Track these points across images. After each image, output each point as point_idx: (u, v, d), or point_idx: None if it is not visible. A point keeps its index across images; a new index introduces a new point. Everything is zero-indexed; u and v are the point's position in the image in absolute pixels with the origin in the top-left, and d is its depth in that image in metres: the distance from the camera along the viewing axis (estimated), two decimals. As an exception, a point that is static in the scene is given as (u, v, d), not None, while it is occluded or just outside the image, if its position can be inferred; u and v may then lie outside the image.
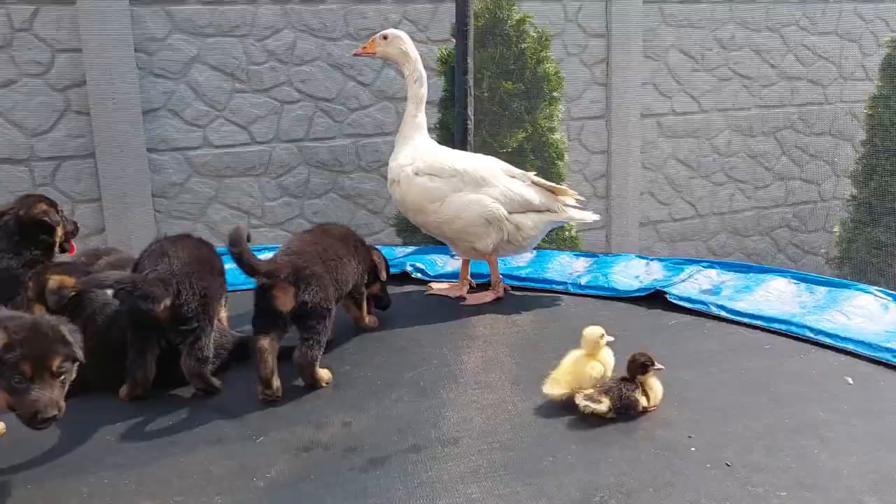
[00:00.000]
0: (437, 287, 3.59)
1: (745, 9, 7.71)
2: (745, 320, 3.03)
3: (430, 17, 6.39)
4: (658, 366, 2.34)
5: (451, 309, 3.35)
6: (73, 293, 2.53)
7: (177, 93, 5.68)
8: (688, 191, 7.80)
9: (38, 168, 5.35)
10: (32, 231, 2.81)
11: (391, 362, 2.84)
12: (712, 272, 3.52)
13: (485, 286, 3.55)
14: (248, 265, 2.49)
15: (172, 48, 5.61)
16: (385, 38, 3.31)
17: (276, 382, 2.53)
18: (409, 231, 5.28)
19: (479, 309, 3.33)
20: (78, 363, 2.01)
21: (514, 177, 3.35)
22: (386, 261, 3.18)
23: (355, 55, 3.42)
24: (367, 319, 3.13)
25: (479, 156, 3.46)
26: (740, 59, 7.79)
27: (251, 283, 2.75)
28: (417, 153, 3.23)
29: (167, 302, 2.43)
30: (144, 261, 2.53)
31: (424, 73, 3.34)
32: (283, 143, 6.11)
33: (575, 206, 3.41)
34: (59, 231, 2.88)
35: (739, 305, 3.13)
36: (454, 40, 5.38)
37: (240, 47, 5.80)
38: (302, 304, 2.55)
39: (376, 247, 3.23)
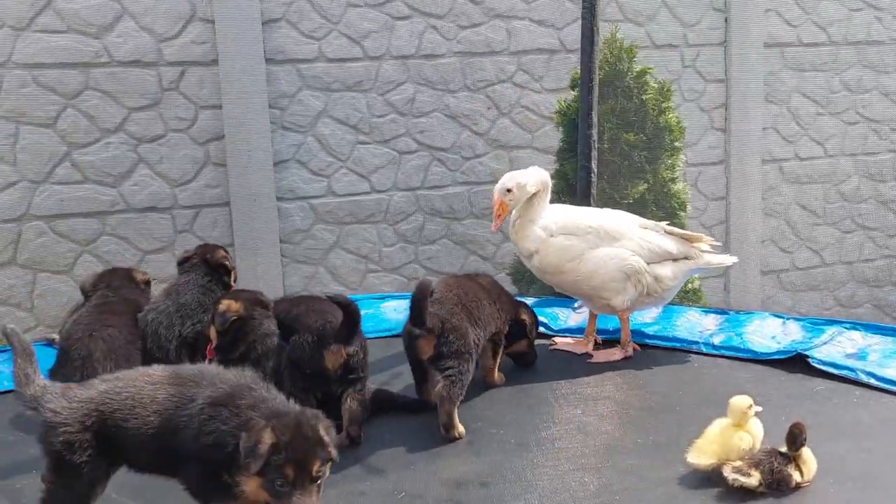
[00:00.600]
0: (562, 342, 3.57)
1: (874, 51, 7.38)
2: (900, 390, 2.86)
3: (544, 67, 6.48)
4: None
5: (578, 366, 3.33)
6: (234, 317, 2.77)
7: (305, 145, 5.98)
8: (812, 238, 7.45)
9: (179, 216, 5.75)
10: (216, 272, 3.20)
11: (522, 420, 2.85)
12: (856, 334, 3.35)
13: (610, 342, 3.51)
14: (421, 318, 2.69)
15: (302, 103, 5.93)
16: (509, 190, 3.21)
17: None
18: (525, 280, 5.29)
19: (607, 367, 3.29)
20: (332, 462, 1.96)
21: (646, 227, 3.33)
22: (536, 319, 3.25)
23: (497, 229, 3.30)
24: (496, 376, 3.17)
25: (608, 210, 3.46)
26: (868, 102, 7.43)
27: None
28: (546, 222, 3.25)
29: (349, 351, 2.62)
30: (300, 320, 2.69)
31: (536, 171, 3.27)
32: (401, 192, 6.30)
33: (711, 252, 3.37)
34: (234, 275, 3.29)
35: (890, 373, 2.95)
36: (571, 90, 5.43)
37: (363, 101, 6.07)
38: (440, 353, 2.75)
39: (527, 304, 3.29)
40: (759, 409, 2.37)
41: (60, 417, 2.03)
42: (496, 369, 3.15)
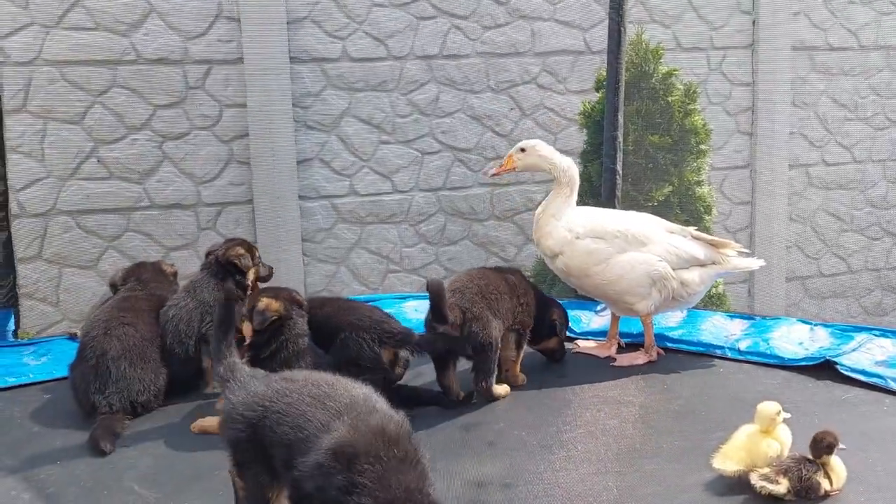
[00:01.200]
0: (584, 345, 3.54)
1: (905, 54, 7.26)
2: (932, 399, 2.80)
3: (569, 68, 6.44)
4: (841, 445, 2.19)
5: (600, 369, 3.29)
6: (275, 316, 2.72)
7: (328, 144, 5.99)
8: (839, 245, 7.34)
9: (203, 213, 5.78)
10: (229, 271, 3.10)
11: (544, 423, 2.83)
12: (886, 342, 3.28)
13: (634, 346, 3.47)
14: (442, 315, 2.78)
15: (326, 102, 5.94)
16: (523, 150, 3.23)
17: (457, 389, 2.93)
18: (546, 282, 5.26)
19: (630, 371, 3.26)
20: None
21: (673, 232, 3.29)
22: (566, 317, 3.28)
23: (494, 175, 3.35)
24: (518, 375, 3.15)
25: (634, 213, 3.42)
26: (899, 106, 7.32)
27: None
28: (572, 221, 3.22)
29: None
30: (339, 319, 2.83)
31: (569, 162, 3.27)
32: (422, 192, 6.29)
33: (737, 256, 3.34)
34: (251, 274, 3.17)
35: (922, 381, 2.89)
36: (596, 93, 5.39)
37: (387, 101, 6.07)
38: (468, 341, 2.86)
39: (559, 303, 3.29)
40: (788, 415, 2.32)
41: (232, 410, 1.91)
42: (518, 364, 3.15)
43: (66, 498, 2.34)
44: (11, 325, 3.76)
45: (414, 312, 3.97)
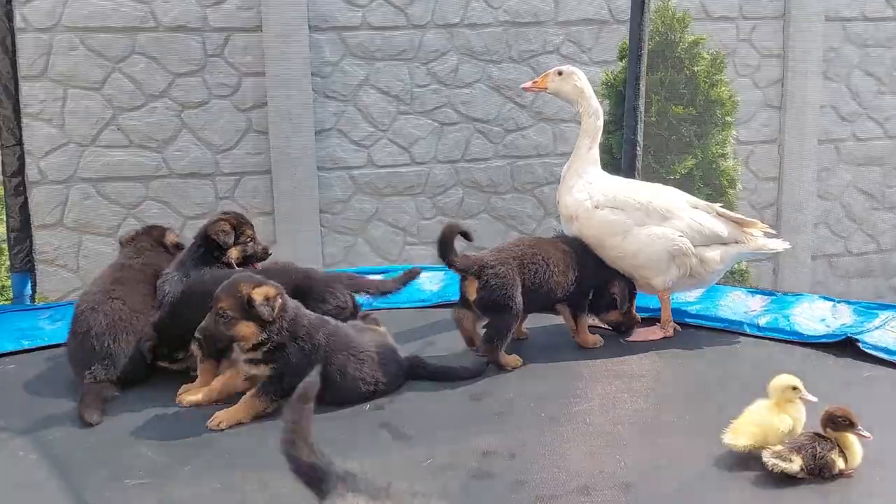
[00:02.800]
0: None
1: (945, 25, 7.00)
2: (957, 378, 2.71)
3: (593, 38, 6.31)
4: (864, 432, 2.12)
5: (615, 343, 3.24)
6: (281, 303, 2.48)
7: (346, 114, 5.95)
8: (868, 223, 7.16)
9: (221, 182, 5.79)
10: (209, 246, 2.86)
11: (554, 394, 2.79)
12: (911, 320, 3.18)
13: (650, 321, 3.41)
14: (444, 253, 2.91)
15: (344, 72, 5.89)
16: (560, 73, 3.21)
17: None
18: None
19: (645, 346, 3.19)
20: None
21: (697, 208, 3.20)
22: (628, 291, 3.20)
23: (525, 89, 3.34)
24: (589, 339, 3.15)
25: (658, 186, 3.33)
26: (936, 80, 7.08)
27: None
28: (593, 187, 3.15)
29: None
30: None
31: (600, 107, 3.25)
32: (441, 164, 6.24)
33: (763, 237, 3.25)
34: (234, 253, 2.88)
35: (948, 361, 2.80)
36: (619, 62, 5.26)
37: (406, 70, 6.00)
38: (483, 297, 2.89)
39: (621, 273, 3.21)
40: (815, 399, 2.24)
41: None
42: (582, 332, 3.15)
43: (73, 459, 2.35)
44: (29, 290, 3.78)
45: (428, 283, 3.94)
